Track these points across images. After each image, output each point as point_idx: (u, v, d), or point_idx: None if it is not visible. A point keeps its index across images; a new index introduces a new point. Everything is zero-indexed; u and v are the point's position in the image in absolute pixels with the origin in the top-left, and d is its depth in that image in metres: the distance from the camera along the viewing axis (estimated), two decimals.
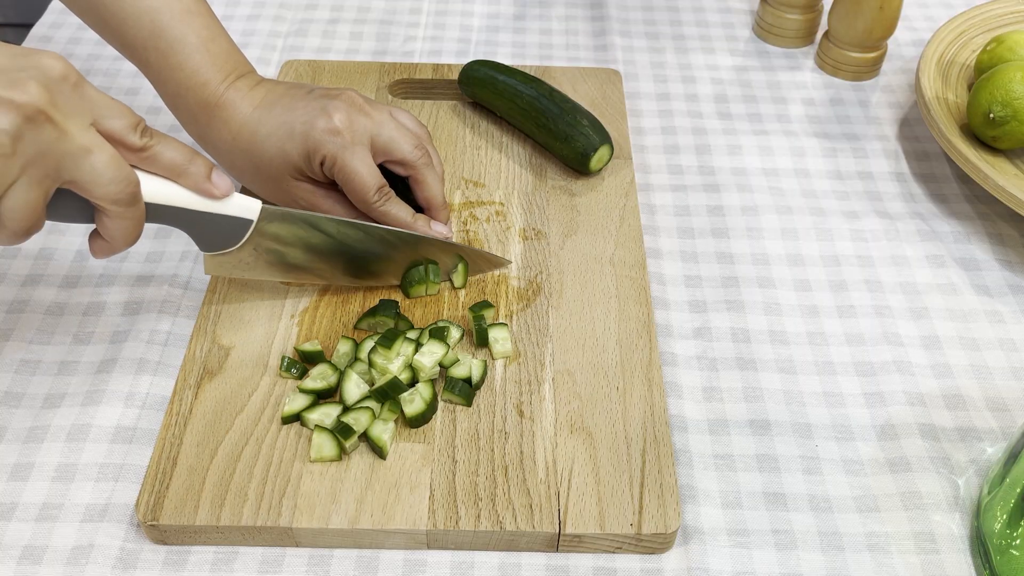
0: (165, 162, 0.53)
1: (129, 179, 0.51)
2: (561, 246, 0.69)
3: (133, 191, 0.51)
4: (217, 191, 0.56)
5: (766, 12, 0.93)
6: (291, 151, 0.63)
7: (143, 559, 0.53)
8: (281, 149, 0.63)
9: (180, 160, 0.54)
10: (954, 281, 0.70)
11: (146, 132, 0.52)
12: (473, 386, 0.59)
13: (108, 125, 0.50)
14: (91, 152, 0.49)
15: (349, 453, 0.56)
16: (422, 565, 0.53)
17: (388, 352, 0.59)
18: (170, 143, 0.54)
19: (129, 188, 0.51)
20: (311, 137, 0.63)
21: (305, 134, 0.63)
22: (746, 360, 0.64)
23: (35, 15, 0.96)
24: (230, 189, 0.57)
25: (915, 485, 0.57)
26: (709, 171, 0.79)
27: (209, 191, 0.55)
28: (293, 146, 0.63)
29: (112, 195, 0.50)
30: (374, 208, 0.65)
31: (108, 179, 0.50)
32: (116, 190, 0.50)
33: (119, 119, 0.51)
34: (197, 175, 0.55)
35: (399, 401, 0.57)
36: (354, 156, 0.63)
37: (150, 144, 0.52)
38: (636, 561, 0.54)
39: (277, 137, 0.63)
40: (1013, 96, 0.72)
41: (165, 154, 0.53)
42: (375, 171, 0.64)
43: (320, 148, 0.63)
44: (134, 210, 0.52)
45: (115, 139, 0.51)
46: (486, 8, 0.98)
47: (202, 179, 0.55)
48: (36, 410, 0.60)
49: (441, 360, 0.59)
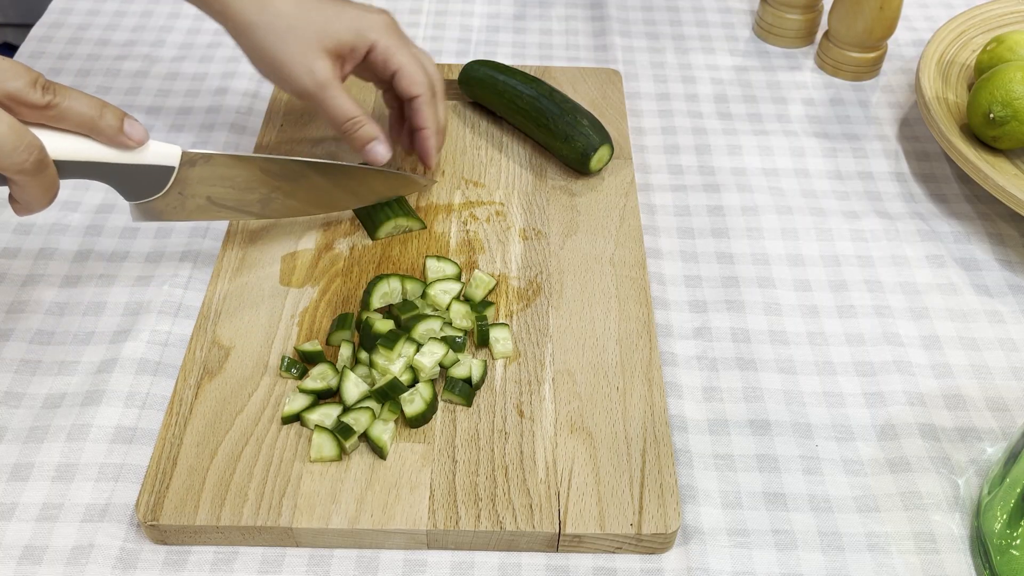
0: (74, 117, 0.52)
1: (32, 146, 0.49)
2: (561, 246, 0.69)
3: (38, 157, 0.50)
4: (131, 142, 0.54)
5: (766, 12, 0.93)
6: (339, 28, 0.65)
7: (143, 559, 0.53)
8: (328, 22, 0.65)
9: (90, 113, 0.52)
10: (954, 281, 0.70)
11: (48, 88, 0.51)
12: (473, 386, 0.59)
13: (4, 88, 0.49)
14: None
15: (349, 453, 0.56)
16: (422, 565, 0.53)
17: (390, 353, 0.59)
18: (77, 96, 0.52)
19: (33, 155, 0.50)
20: (364, 21, 0.66)
21: (358, 17, 0.66)
22: (746, 360, 0.64)
23: (35, 15, 0.96)
24: (144, 137, 0.55)
25: (915, 485, 0.57)
26: (709, 171, 0.79)
27: (124, 143, 0.54)
28: (342, 25, 0.65)
29: (16, 165, 0.49)
30: (424, 96, 0.68)
31: (8, 149, 0.48)
32: (19, 160, 0.49)
33: (15, 80, 0.49)
34: (109, 128, 0.53)
35: (399, 401, 0.57)
36: (406, 47, 0.67)
37: (55, 101, 0.51)
38: (636, 561, 0.54)
39: (326, 15, 0.65)
40: (1013, 96, 0.72)
41: (73, 108, 0.52)
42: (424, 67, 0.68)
43: (372, 33, 0.66)
44: (42, 176, 0.51)
45: (16, 100, 0.49)
46: (486, 8, 0.98)
47: (115, 132, 0.53)
48: (36, 410, 0.60)
49: (441, 360, 0.59)
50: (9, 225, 0.72)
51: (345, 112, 0.66)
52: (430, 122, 0.69)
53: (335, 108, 0.66)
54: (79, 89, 0.53)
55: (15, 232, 0.71)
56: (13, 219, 0.72)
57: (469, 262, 0.68)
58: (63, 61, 0.88)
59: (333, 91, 0.65)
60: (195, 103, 0.84)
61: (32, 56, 0.89)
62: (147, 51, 0.89)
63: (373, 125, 0.67)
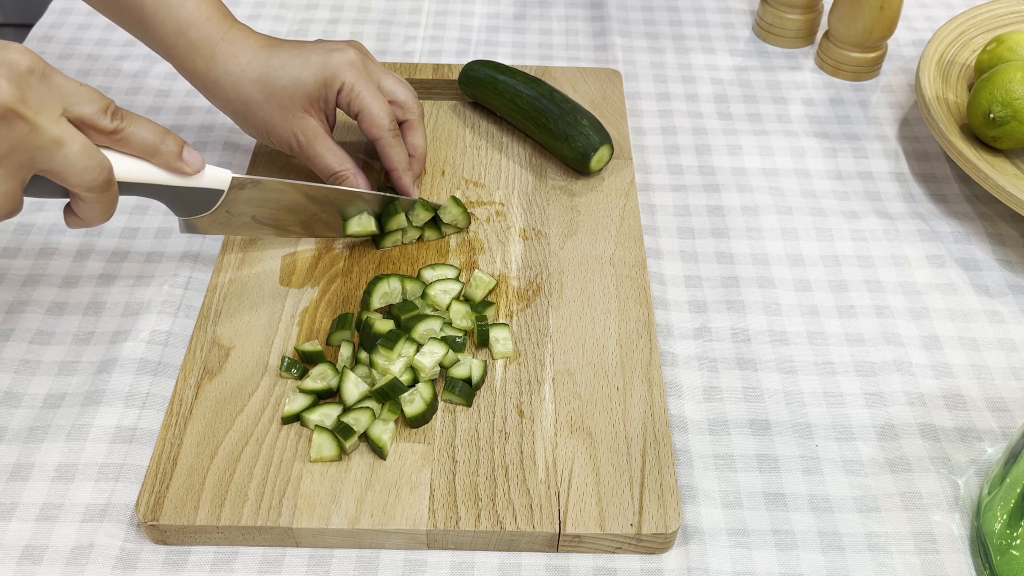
0: (137, 143, 0.55)
1: (102, 166, 0.52)
2: (561, 246, 0.69)
3: (107, 177, 0.53)
4: (189, 168, 0.57)
5: (766, 12, 0.93)
6: (307, 79, 0.65)
7: (143, 559, 0.53)
8: (296, 78, 0.65)
9: (152, 140, 0.55)
10: (954, 281, 0.70)
11: (116, 114, 0.53)
12: (473, 386, 0.59)
13: (79, 112, 0.51)
14: (63, 143, 0.50)
15: (349, 453, 0.56)
16: (422, 565, 0.54)
17: (390, 353, 0.59)
18: (142, 123, 0.55)
19: (103, 175, 0.52)
20: (329, 65, 0.65)
21: (323, 63, 0.66)
22: (746, 360, 0.64)
23: (35, 15, 0.96)
24: (201, 165, 0.58)
25: (915, 485, 0.57)
26: (709, 171, 0.79)
27: (181, 169, 0.57)
28: (309, 74, 0.65)
29: (86, 183, 0.52)
30: (386, 136, 0.68)
31: (81, 168, 0.51)
32: (90, 178, 0.52)
33: (89, 104, 0.52)
34: (169, 154, 0.56)
35: (399, 401, 0.57)
36: (370, 86, 0.67)
37: (121, 127, 0.53)
38: (636, 561, 0.54)
39: (292, 66, 0.65)
40: (1013, 96, 0.72)
41: (137, 135, 0.54)
42: (388, 105, 0.68)
43: (339, 75, 0.66)
44: (107, 194, 0.54)
45: (87, 124, 0.52)
46: (486, 8, 0.98)
47: (174, 158, 0.56)
48: (36, 410, 0.60)
49: (441, 360, 0.59)
50: (9, 225, 0.72)
51: (328, 168, 0.68)
52: (395, 161, 0.69)
53: (319, 166, 0.68)
54: None
55: (15, 232, 0.71)
56: (13, 219, 0.72)
57: (469, 262, 0.68)
58: (63, 61, 0.88)
59: (317, 148, 0.68)
60: (196, 103, 0.84)
61: None
62: (147, 51, 0.89)
63: (356, 177, 0.69)
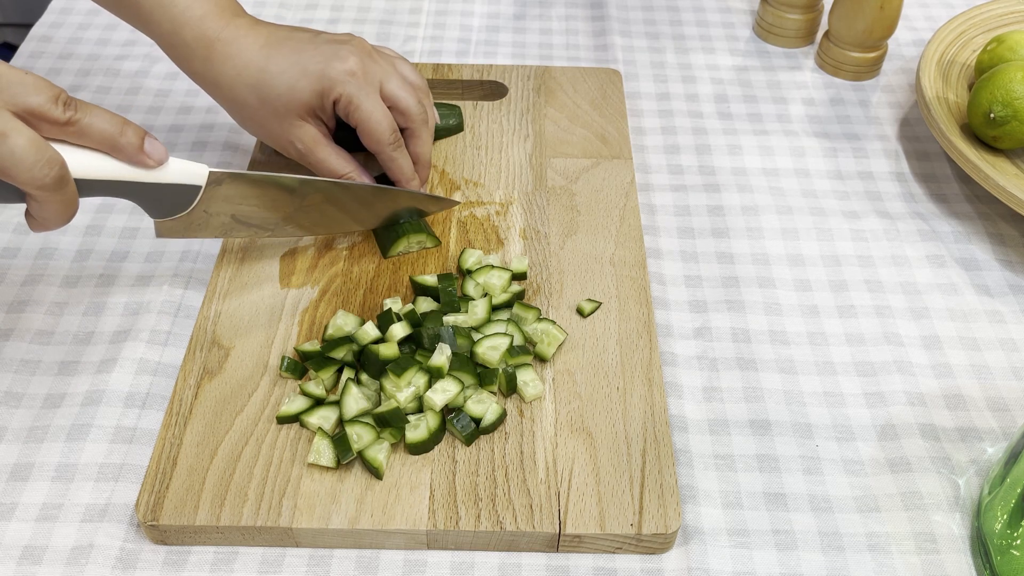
0: (95, 134, 0.51)
1: (52, 161, 0.49)
2: (561, 246, 0.69)
3: (58, 174, 0.49)
4: (151, 160, 0.54)
5: (766, 12, 0.93)
6: (303, 89, 0.64)
7: (143, 559, 0.53)
8: (292, 86, 0.64)
9: (111, 131, 0.52)
10: (954, 281, 0.70)
11: (69, 104, 0.50)
12: (479, 428, 0.57)
13: (25, 102, 0.48)
14: (7, 137, 0.47)
15: (344, 465, 0.56)
16: (422, 565, 0.53)
17: (398, 380, 0.56)
18: (98, 113, 0.51)
19: (54, 171, 0.49)
20: (326, 76, 0.63)
21: (320, 73, 0.63)
22: (746, 360, 0.64)
23: (35, 15, 0.96)
24: (164, 157, 0.55)
25: (915, 485, 0.57)
26: (709, 171, 0.79)
27: (143, 161, 0.53)
28: (306, 84, 0.64)
29: (36, 180, 0.48)
30: (386, 151, 0.66)
31: (29, 164, 0.48)
32: (40, 174, 0.48)
33: (36, 95, 0.48)
34: (129, 146, 0.52)
35: (402, 427, 0.56)
36: (369, 97, 0.64)
37: (76, 117, 0.50)
38: (636, 561, 0.54)
39: (289, 75, 0.64)
40: (1013, 96, 0.72)
41: (94, 125, 0.51)
42: (389, 115, 0.66)
43: (336, 87, 0.63)
44: (62, 193, 0.50)
45: (36, 116, 0.49)
46: (486, 8, 0.98)
47: (135, 150, 0.53)
48: (36, 410, 0.60)
49: (450, 401, 0.57)
50: (9, 225, 0.72)
51: (331, 173, 0.67)
52: (397, 173, 0.68)
53: (324, 170, 0.67)
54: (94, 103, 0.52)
55: (15, 232, 0.71)
56: (13, 219, 0.72)
57: None
58: (63, 61, 0.88)
59: (318, 155, 0.67)
60: (196, 103, 0.84)
61: (32, 56, 0.89)
62: (147, 51, 0.89)
63: (359, 178, 0.68)
